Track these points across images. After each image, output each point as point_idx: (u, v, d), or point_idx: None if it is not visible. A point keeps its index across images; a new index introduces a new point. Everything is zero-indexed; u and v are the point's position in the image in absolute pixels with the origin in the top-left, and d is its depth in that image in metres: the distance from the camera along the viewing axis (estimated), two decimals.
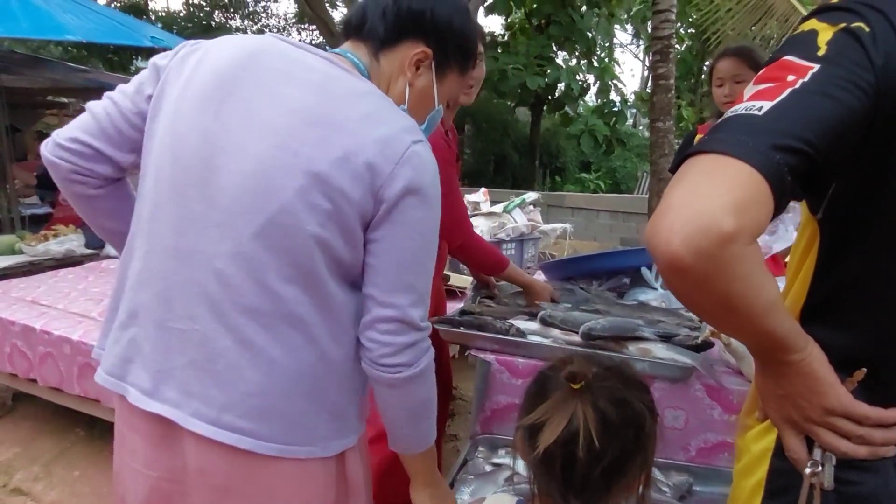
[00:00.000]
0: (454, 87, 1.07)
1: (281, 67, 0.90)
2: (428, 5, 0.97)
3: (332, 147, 0.84)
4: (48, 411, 2.94)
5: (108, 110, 0.96)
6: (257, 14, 15.13)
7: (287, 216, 0.84)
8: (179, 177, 0.89)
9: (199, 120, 0.88)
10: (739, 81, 2.24)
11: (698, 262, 0.54)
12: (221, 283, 0.86)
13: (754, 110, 0.60)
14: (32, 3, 4.04)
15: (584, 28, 10.83)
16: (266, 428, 0.87)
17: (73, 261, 3.94)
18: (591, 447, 0.78)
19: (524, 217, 3.48)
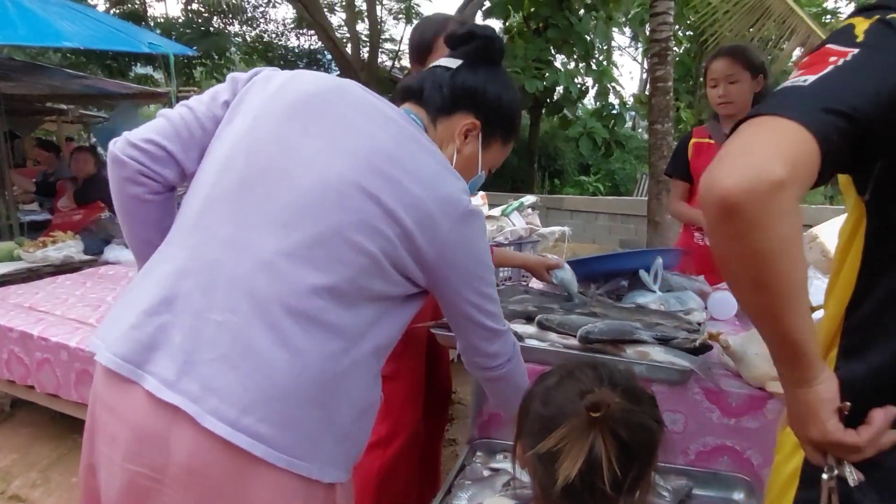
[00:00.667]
0: (497, 156, 1.19)
1: (365, 108, 0.99)
2: (481, 83, 1.10)
3: (405, 191, 0.92)
4: (46, 417, 2.93)
5: (182, 115, 1.01)
6: (255, 19, 15.16)
7: (353, 233, 0.89)
8: (251, 175, 0.92)
9: (282, 130, 0.94)
10: (733, 82, 2.23)
11: (749, 204, 0.59)
12: (273, 281, 0.87)
13: (800, 82, 0.65)
14: (30, 10, 4.05)
15: (582, 31, 10.85)
16: (282, 436, 0.85)
17: (71, 267, 3.95)
18: (613, 477, 0.76)
19: (522, 220, 3.48)
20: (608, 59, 12.99)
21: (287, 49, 15.86)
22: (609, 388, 0.82)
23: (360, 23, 13.30)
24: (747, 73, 2.22)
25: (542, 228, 3.61)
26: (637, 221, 8.16)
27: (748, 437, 1.40)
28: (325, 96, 0.98)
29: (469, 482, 1.38)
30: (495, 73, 1.12)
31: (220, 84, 1.05)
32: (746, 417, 1.40)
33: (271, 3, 14.91)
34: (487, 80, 1.10)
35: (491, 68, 1.12)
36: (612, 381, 0.85)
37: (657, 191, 5.17)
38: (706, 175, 0.63)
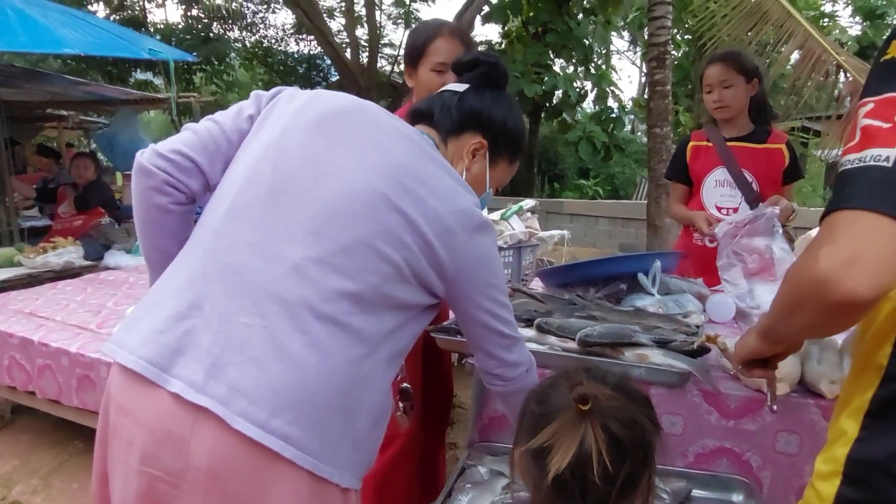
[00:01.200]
0: (503, 175, 1.26)
1: (385, 127, 1.05)
2: (487, 106, 1.17)
3: (426, 205, 0.97)
4: (47, 423, 2.94)
5: (209, 128, 1.05)
6: (255, 25, 15.17)
7: (378, 242, 0.93)
8: (279, 184, 0.96)
9: (309, 142, 0.99)
10: (728, 87, 2.27)
11: (871, 302, 0.65)
12: (302, 285, 0.90)
13: (882, 161, 0.66)
14: (31, 16, 4.06)
15: (581, 35, 10.88)
16: (309, 439, 0.87)
17: (71, 273, 3.96)
18: (604, 471, 0.77)
19: (522, 224, 3.48)
20: (607, 63, 13.02)
21: (287, 54, 15.89)
22: (600, 384, 0.84)
23: (359, 28, 13.34)
24: (741, 78, 2.27)
25: (541, 232, 3.61)
26: (637, 225, 8.17)
27: (747, 439, 1.41)
28: (349, 113, 1.04)
29: (469, 485, 1.38)
30: (500, 97, 1.20)
31: (244, 101, 1.11)
32: (745, 419, 1.40)
33: (271, 9, 14.96)
34: (493, 103, 1.18)
35: (495, 92, 1.20)
36: (604, 379, 0.87)
37: (657, 194, 5.19)
38: (809, 270, 0.68)
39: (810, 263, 0.68)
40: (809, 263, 0.68)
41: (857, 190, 0.67)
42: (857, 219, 0.66)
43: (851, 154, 0.70)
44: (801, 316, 0.73)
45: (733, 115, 2.33)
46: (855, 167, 0.68)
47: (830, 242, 0.67)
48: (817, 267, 0.67)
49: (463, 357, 1.87)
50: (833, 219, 0.68)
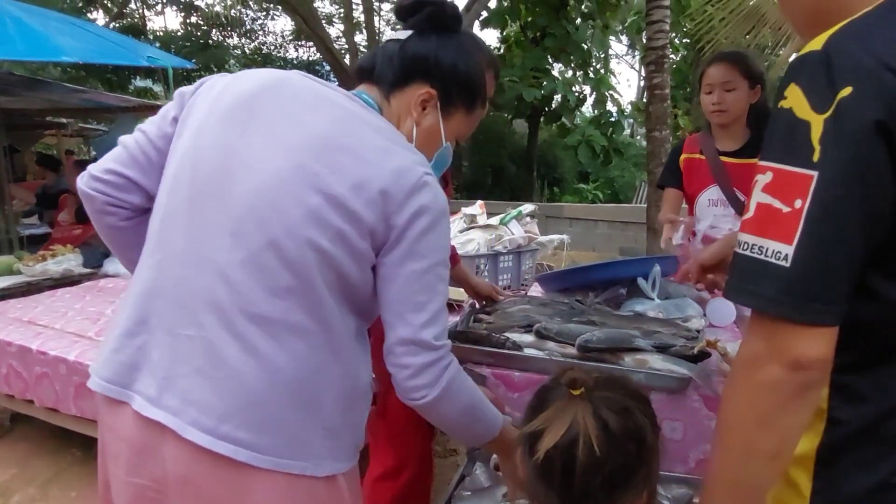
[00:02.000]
0: (462, 126, 1.14)
1: (306, 97, 0.97)
2: (431, 50, 1.05)
3: (350, 173, 0.89)
4: (45, 432, 2.92)
5: (137, 139, 1.03)
6: (254, 32, 15.26)
7: (301, 229, 0.88)
8: (197, 186, 0.93)
9: (223, 135, 0.93)
10: (730, 90, 2.10)
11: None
12: (231, 291, 0.88)
13: (781, 260, 0.64)
14: (29, 25, 4.07)
15: (580, 40, 10.91)
16: (264, 439, 0.87)
17: (71, 280, 3.95)
18: (591, 454, 0.77)
19: (521, 229, 3.47)
20: (605, 68, 13.04)
21: (286, 61, 15.95)
22: (595, 375, 0.85)
23: (357, 34, 13.38)
24: (745, 82, 2.10)
25: (540, 237, 3.60)
26: (636, 229, 8.16)
27: None
28: (262, 93, 0.96)
29: (469, 493, 1.37)
30: (447, 39, 1.08)
31: (170, 102, 1.05)
32: None
33: (270, 16, 15.03)
34: (439, 47, 1.06)
35: (443, 35, 1.08)
36: (601, 373, 0.87)
37: (656, 198, 5.18)
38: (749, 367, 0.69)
39: (746, 373, 0.69)
40: (745, 374, 0.69)
41: (761, 288, 0.66)
42: (768, 327, 0.67)
43: (748, 234, 0.68)
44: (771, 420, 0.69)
45: (730, 120, 2.17)
46: (755, 257, 0.67)
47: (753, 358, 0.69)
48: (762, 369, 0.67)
49: (462, 363, 1.85)
50: (753, 322, 0.69)
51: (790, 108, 0.65)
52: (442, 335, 0.97)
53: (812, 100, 0.64)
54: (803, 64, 0.66)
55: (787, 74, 0.67)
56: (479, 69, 1.11)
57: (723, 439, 0.72)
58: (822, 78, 0.63)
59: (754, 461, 0.69)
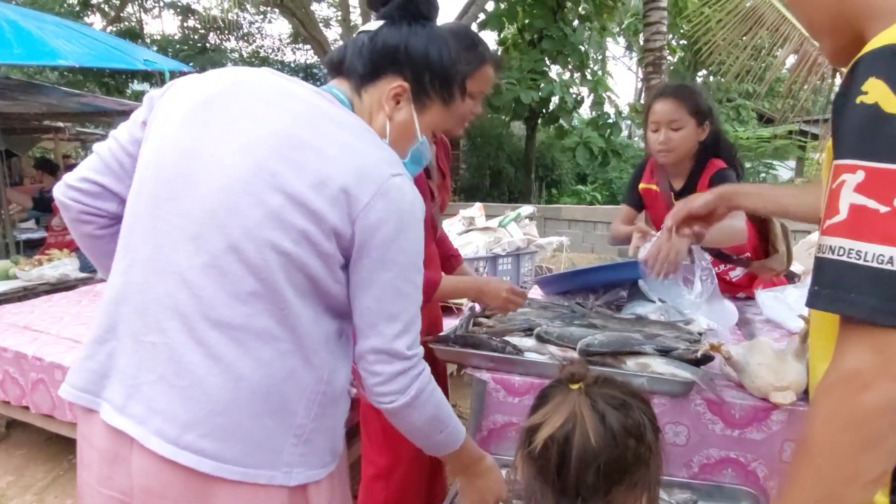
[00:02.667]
0: (439, 118, 1.08)
1: (266, 93, 0.93)
2: (402, 40, 1.00)
3: (310, 171, 0.86)
4: (41, 438, 2.90)
5: (109, 146, 1.02)
6: (252, 35, 15.25)
7: (262, 231, 0.85)
8: (159, 191, 0.91)
9: (182, 137, 0.91)
10: (677, 129, 1.97)
11: None
12: (193, 296, 0.86)
13: (886, 264, 0.60)
14: (26, 29, 4.05)
15: (577, 42, 10.90)
16: (229, 449, 0.85)
17: (67, 285, 3.93)
18: (586, 444, 0.77)
19: (520, 231, 3.47)
20: (603, 69, 13.06)
21: (283, 64, 15.95)
22: (596, 374, 0.86)
23: None
24: (692, 120, 1.98)
25: (539, 239, 3.60)
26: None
27: (753, 449, 1.38)
28: (224, 93, 0.93)
29: None
30: (419, 27, 1.02)
31: (141, 106, 1.03)
32: (750, 429, 1.37)
33: (267, 19, 15.02)
34: (410, 36, 1.01)
35: (415, 23, 1.02)
36: (603, 374, 0.88)
37: None
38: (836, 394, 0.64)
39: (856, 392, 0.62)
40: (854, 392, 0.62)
41: (863, 295, 0.61)
42: (877, 338, 0.61)
43: (839, 237, 0.63)
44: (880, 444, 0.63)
45: (677, 159, 2.04)
46: (852, 262, 0.62)
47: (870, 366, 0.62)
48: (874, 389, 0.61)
49: (462, 367, 1.84)
50: (853, 334, 0.63)
51: (875, 102, 0.61)
52: (414, 344, 0.96)
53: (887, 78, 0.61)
54: (882, 56, 0.63)
55: (862, 67, 0.64)
56: (452, 56, 1.06)
57: (816, 465, 0.65)
58: None
59: (855, 486, 0.64)
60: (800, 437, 0.68)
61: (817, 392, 0.67)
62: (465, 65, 1.58)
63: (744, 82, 9.73)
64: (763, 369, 1.36)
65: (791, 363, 1.36)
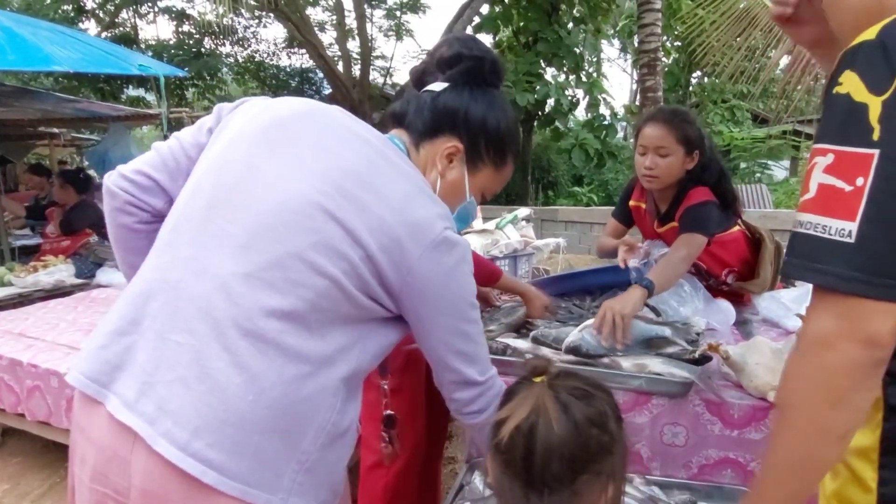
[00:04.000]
0: (489, 182, 1.14)
1: (338, 130, 0.97)
2: (463, 104, 1.06)
3: (371, 213, 0.89)
4: (37, 446, 2.88)
5: (171, 145, 1.04)
6: (247, 40, 15.20)
7: (313, 254, 0.87)
8: (217, 196, 0.92)
9: (251, 152, 0.94)
10: (664, 155, 1.93)
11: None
12: (230, 303, 0.85)
13: (846, 237, 0.66)
14: (19, 35, 4.04)
15: (572, 44, 10.92)
16: (235, 463, 0.82)
17: (63, 291, 3.92)
18: (550, 434, 0.78)
19: (517, 233, 3.47)
20: (598, 71, 13.08)
21: (279, 68, 15.93)
22: (553, 362, 0.89)
23: (350, 41, 13.38)
24: (681, 149, 1.93)
25: (536, 241, 3.60)
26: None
27: (752, 449, 1.38)
28: (298, 119, 0.97)
29: (468, 502, 1.35)
30: (481, 94, 1.08)
31: (209, 115, 1.07)
32: (749, 429, 1.38)
33: (262, 24, 15.00)
34: (471, 102, 1.07)
35: (478, 90, 1.08)
36: (565, 367, 0.91)
37: None
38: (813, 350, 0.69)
39: (822, 346, 0.68)
40: (820, 348, 0.68)
41: (829, 265, 0.67)
42: (839, 304, 0.67)
43: (809, 214, 0.69)
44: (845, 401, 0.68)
45: (662, 186, 2.01)
46: (819, 235, 0.68)
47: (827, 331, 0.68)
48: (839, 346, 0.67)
49: None
50: (821, 301, 0.69)
51: (847, 92, 0.68)
52: (485, 369, 1.04)
53: (869, 83, 0.66)
54: (859, 51, 0.68)
55: (842, 62, 0.70)
56: (512, 125, 1.13)
57: (789, 421, 0.72)
58: (879, 62, 0.66)
59: (825, 441, 0.70)
60: (775, 400, 0.75)
61: (791, 355, 0.74)
62: None
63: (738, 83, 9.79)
64: (761, 369, 1.36)
65: None
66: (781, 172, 13.22)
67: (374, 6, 13.59)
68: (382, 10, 14.14)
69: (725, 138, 12.08)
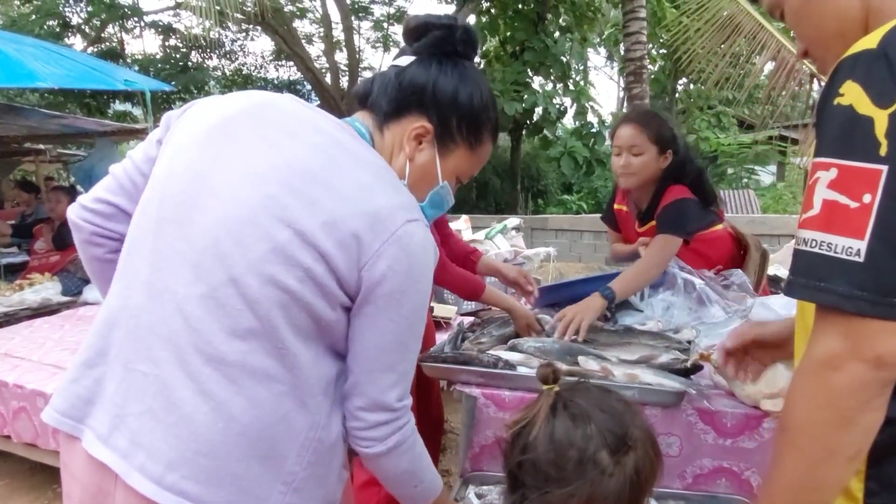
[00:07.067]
0: (463, 163, 1.04)
1: (288, 122, 0.90)
2: (430, 79, 0.96)
3: (322, 209, 0.82)
4: (24, 468, 2.83)
5: (124, 166, 0.99)
6: (234, 53, 15.18)
7: (266, 266, 0.81)
8: (164, 212, 0.87)
9: (195, 159, 0.88)
10: (637, 154, 1.99)
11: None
12: (188, 328, 0.81)
13: (854, 256, 0.63)
14: (2, 51, 4.01)
15: (558, 53, 11.01)
16: (212, 494, 0.80)
17: (49, 309, 3.86)
18: (529, 440, 0.82)
19: (507, 243, 3.47)
20: (585, 79, 13.19)
21: (266, 81, 15.90)
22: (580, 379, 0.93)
23: (338, 52, 13.41)
24: (654, 147, 1.99)
25: (526, 250, 3.60)
26: None
27: (746, 458, 1.37)
28: (241, 116, 0.90)
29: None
30: (451, 67, 0.98)
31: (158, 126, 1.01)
32: (742, 437, 1.37)
33: (249, 37, 14.99)
34: (440, 75, 0.96)
35: (447, 61, 0.98)
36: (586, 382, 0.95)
37: None
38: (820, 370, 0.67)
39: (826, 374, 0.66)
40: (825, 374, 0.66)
41: (833, 284, 0.65)
42: (845, 324, 0.65)
43: (813, 231, 0.67)
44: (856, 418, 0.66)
45: (639, 183, 2.06)
46: (824, 253, 0.65)
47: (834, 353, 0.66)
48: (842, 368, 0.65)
49: (451, 383, 1.83)
50: (826, 321, 0.67)
51: (849, 104, 0.65)
52: (405, 395, 0.92)
53: (873, 95, 0.64)
54: (859, 61, 0.66)
55: (841, 72, 0.67)
56: (485, 100, 1.02)
57: (795, 443, 0.70)
58: (882, 74, 0.63)
59: (833, 463, 0.68)
60: (779, 421, 0.73)
61: (795, 375, 0.71)
62: None
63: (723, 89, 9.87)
64: None
65: (780, 370, 1.35)
66: (768, 177, 13.33)
67: (361, 18, 13.62)
68: (370, 22, 14.17)
69: (712, 144, 12.19)
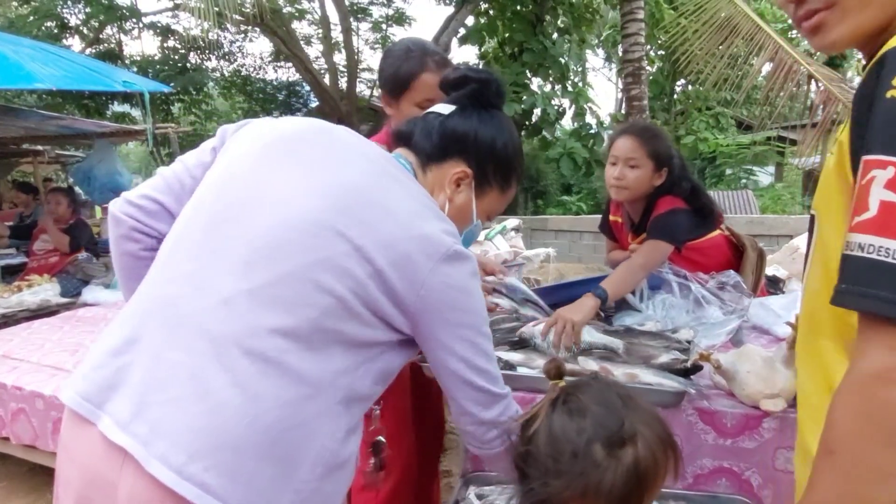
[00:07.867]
0: (494, 204, 1.14)
1: (343, 149, 0.97)
2: (472, 129, 1.06)
3: (379, 230, 0.88)
4: (22, 470, 2.83)
5: (175, 169, 1.04)
6: (233, 54, 15.16)
7: (318, 272, 0.85)
8: (219, 211, 0.91)
9: (256, 167, 0.94)
10: (633, 167, 1.98)
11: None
12: (231, 319, 0.83)
13: None
14: (1, 52, 4.01)
15: (557, 54, 11.03)
16: (231, 489, 0.79)
17: (48, 311, 3.86)
18: (529, 433, 0.86)
19: (506, 244, 3.47)
20: (583, 81, 13.21)
21: (265, 82, 15.90)
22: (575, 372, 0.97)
23: (337, 53, 13.41)
24: (651, 163, 1.98)
25: (526, 251, 3.60)
26: None
27: (746, 458, 1.38)
28: (303, 136, 0.97)
29: None
30: (489, 118, 1.08)
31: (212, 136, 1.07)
32: (743, 437, 1.37)
33: (248, 38, 14.97)
34: (480, 125, 1.06)
35: (485, 113, 1.08)
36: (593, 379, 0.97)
37: None
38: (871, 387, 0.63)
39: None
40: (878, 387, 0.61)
41: (888, 292, 0.60)
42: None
43: (868, 235, 0.62)
44: None
45: (631, 197, 2.07)
46: (881, 259, 0.60)
47: None
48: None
49: None
50: (878, 331, 0.62)
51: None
52: (503, 385, 1.02)
53: None
54: None
55: (890, 62, 0.63)
56: (517, 148, 1.12)
57: (839, 463, 0.65)
58: None
59: (881, 483, 0.63)
60: (821, 442, 0.67)
61: (838, 391, 0.66)
62: (404, 72, 1.67)
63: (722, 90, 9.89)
64: (752, 377, 1.36)
65: (780, 370, 1.36)
66: (766, 178, 13.35)
67: (359, 19, 13.62)
68: (368, 23, 14.17)
69: (711, 145, 12.21)
